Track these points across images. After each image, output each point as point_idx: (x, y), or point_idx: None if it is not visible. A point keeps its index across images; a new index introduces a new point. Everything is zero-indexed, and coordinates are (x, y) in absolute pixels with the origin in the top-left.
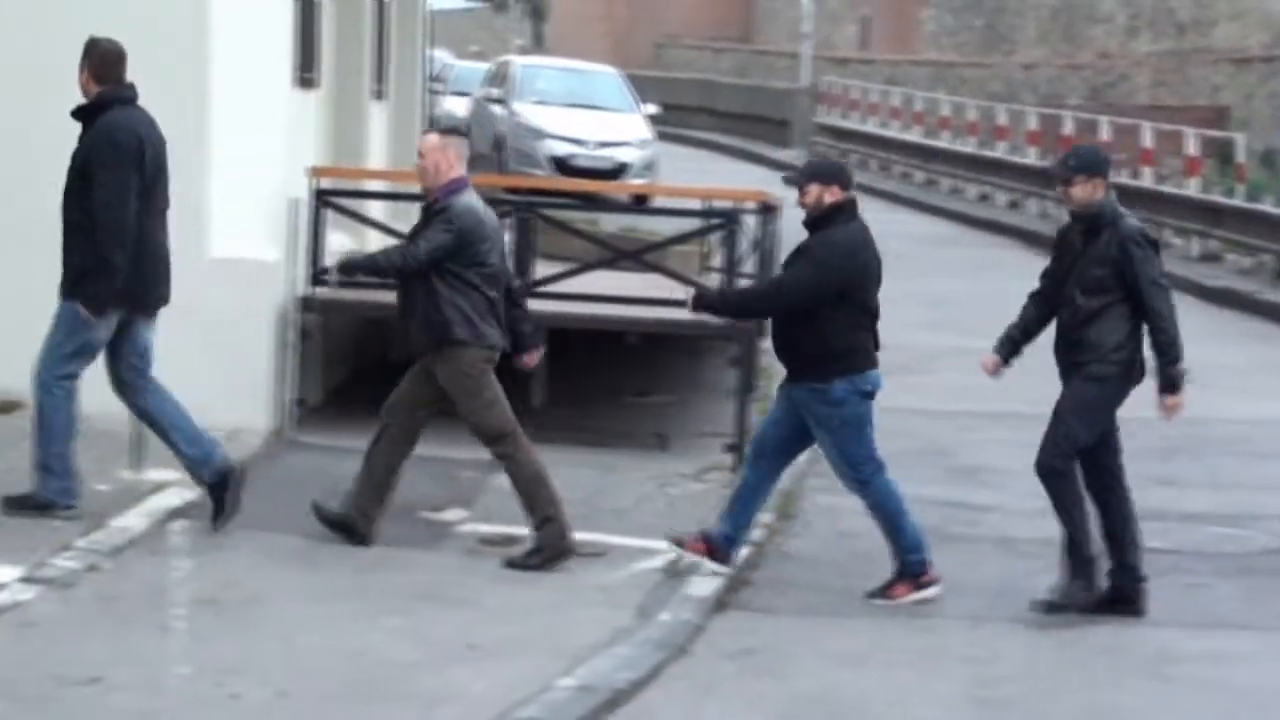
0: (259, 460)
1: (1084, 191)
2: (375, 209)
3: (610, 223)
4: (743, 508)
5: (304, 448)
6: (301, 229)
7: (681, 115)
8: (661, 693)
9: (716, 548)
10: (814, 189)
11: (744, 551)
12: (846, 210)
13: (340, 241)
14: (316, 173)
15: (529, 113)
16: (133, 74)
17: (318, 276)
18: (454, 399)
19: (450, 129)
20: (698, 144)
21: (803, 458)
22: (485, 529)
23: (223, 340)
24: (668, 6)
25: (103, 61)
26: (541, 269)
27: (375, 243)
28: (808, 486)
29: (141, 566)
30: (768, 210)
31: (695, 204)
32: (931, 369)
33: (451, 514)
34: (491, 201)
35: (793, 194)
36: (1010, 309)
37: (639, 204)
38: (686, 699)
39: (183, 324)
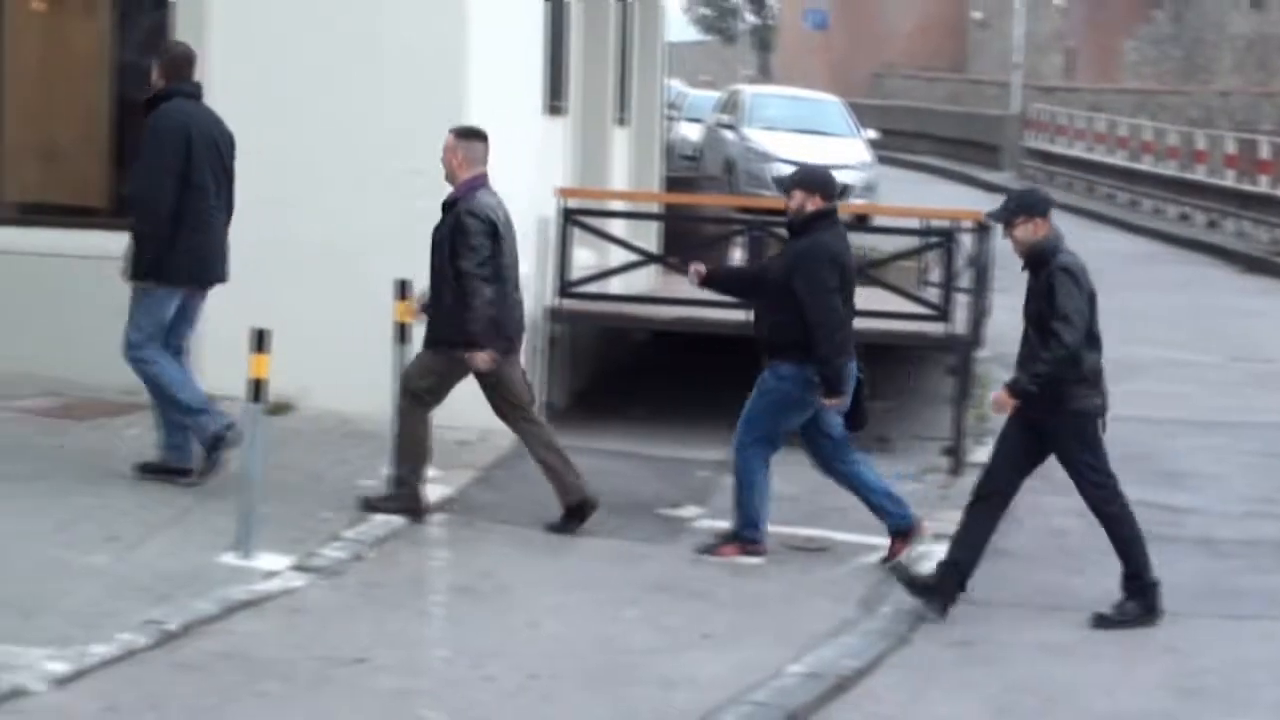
0: (510, 459)
1: (1024, 232)
2: (618, 227)
3: None
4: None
5: None
6: (550, 245)
7: (899, 140)
8: (884, 679)
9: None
10: (798, 195)
11: None
12: (827, 217)
13: (585, 257)
14: (564, 193)
15: (758, 137)
16: (399, 101)
17: (565, 289)
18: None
19: (470, 131)
20: (914, 167)
21: None
22: (719, 525)
23: None
24: (885, 39)
25: (171, 62)
26: None
27: (617, 258)
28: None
29: (403, 557)
30: (983, 229)
31: (914, 223)
32: (1134, 378)
33: (686, 510)
34: (724, 220)
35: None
36: (1208, 323)
37: (860, 223)
38: (908, 685)
39: None
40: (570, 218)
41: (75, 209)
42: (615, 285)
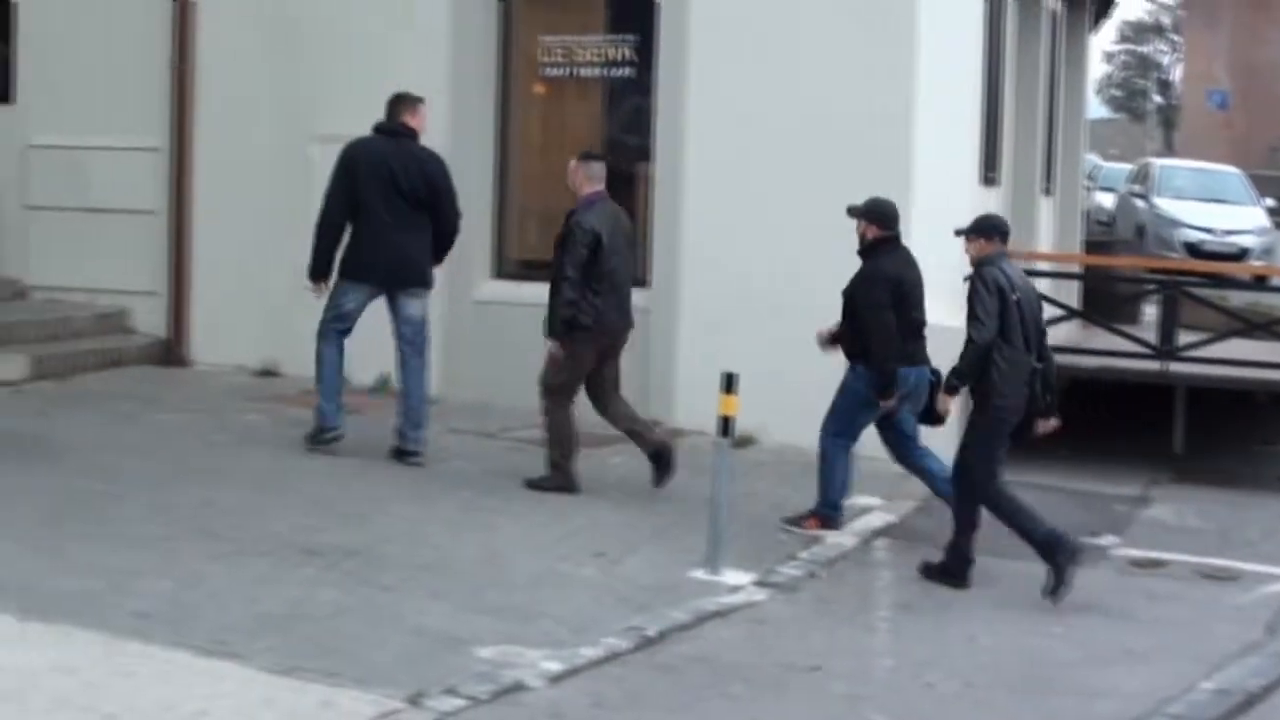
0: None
1: (973, 248)
2: (1043, 284)
3: (1237, 298)
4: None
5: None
6: None
7: None
8: None
9: (823, 519)
10: (862, 224)
11: None
12: (888, 244)
13: None
14: None
15: (1167, 205)
16: (847, 169)
17: None
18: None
19: (591, 155)
20: None
21: None
22: (1135, 553)
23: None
24: None
25: (392, 103)
26: (1183, 337)
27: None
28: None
29: (852, 576)
30: None
31: None
32: None
33: (1106, 539)
34: (1137, 280)
35: None
36: None
37: (1259, 283)
38: None
39: None
40: None
41: None
42: None
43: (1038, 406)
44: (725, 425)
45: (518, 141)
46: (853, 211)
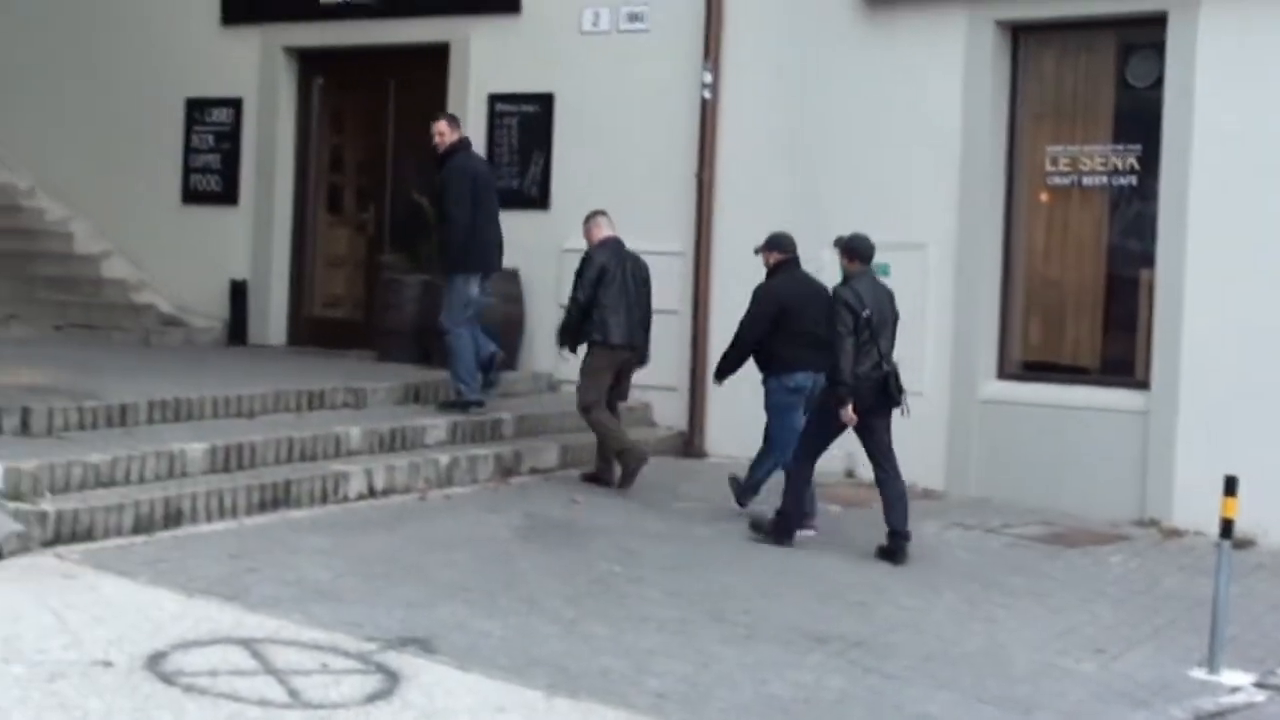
0: None
1: (841, 261)
2: None
3: None
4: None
5: None
6: None
7: None
8: None
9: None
10: (765, 252)
11: None
12: (785, 266)
13: None
14: None
15: None
16: None
17: None
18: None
19: (597, 211)
20: None
21: None
22: None
23: None
24: None
25: (449, 124)
26: None
27: None
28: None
29: None
30: None
31: None
32: None
33: None
34: None
35: None
36: None
37: None
38: None
39: None
40: None
41: (1069, 368)
42: None
43: (895, 402)
44: (1226, 527)
45: (1021, 246)
46: (758, 248)
